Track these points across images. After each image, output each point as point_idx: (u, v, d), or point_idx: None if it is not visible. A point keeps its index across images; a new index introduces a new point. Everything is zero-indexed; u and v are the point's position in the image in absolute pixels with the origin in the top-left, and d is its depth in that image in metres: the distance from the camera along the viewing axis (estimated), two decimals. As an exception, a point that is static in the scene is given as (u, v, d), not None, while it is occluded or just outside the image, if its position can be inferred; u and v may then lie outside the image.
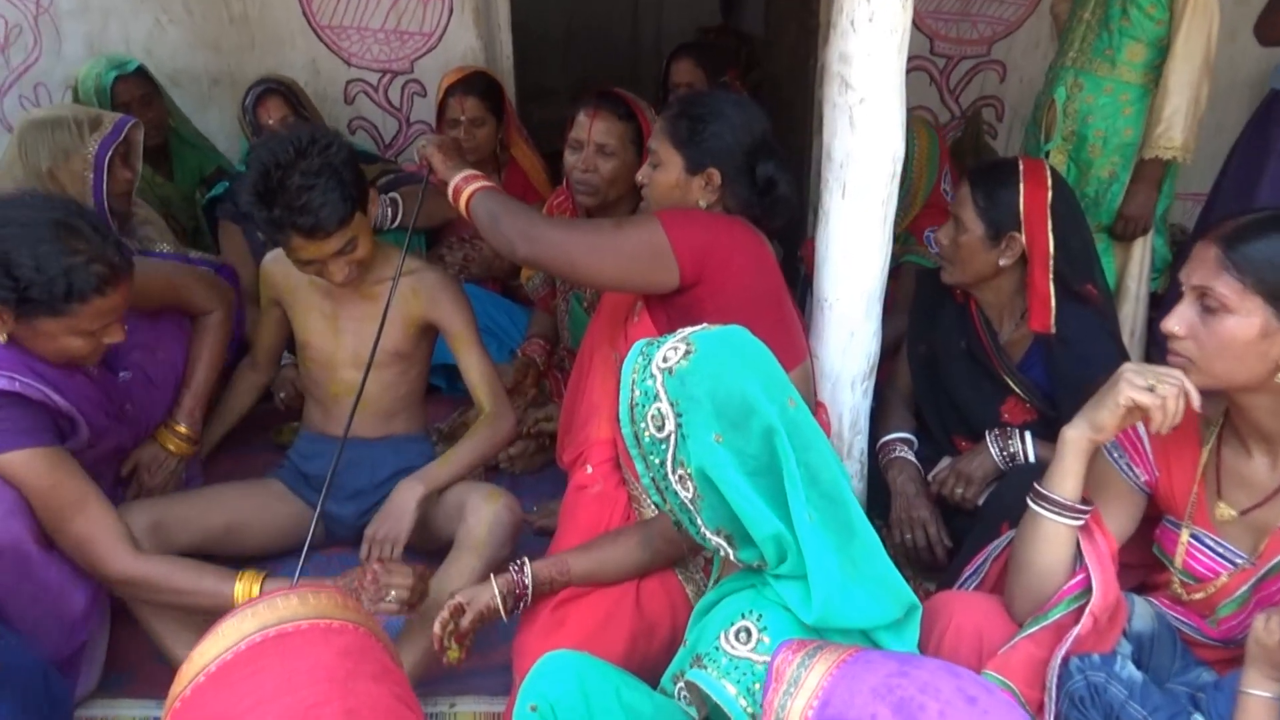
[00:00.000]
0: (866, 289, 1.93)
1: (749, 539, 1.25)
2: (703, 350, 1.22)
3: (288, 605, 1.00)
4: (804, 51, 3.75)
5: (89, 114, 2.33)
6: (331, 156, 1.79)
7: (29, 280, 1.60)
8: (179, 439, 2.13)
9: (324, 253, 1.84)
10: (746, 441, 1.19)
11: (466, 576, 1.81)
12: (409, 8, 3.34)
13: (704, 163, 1.87)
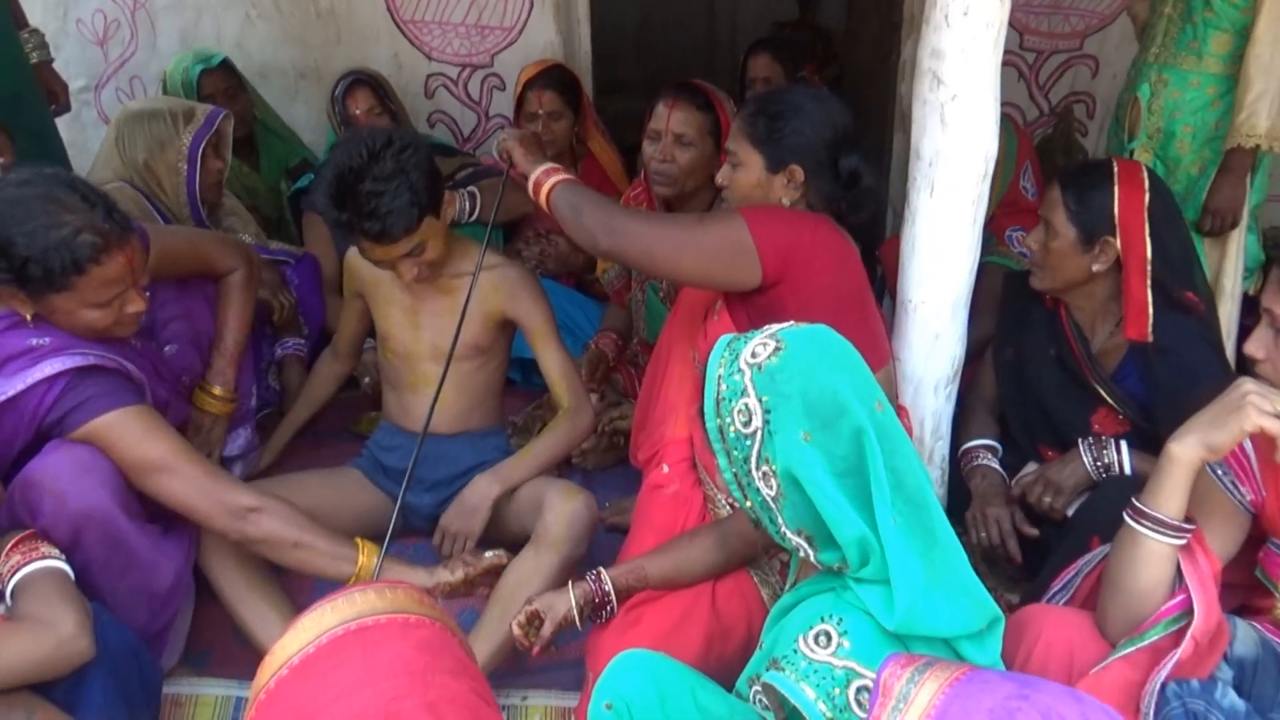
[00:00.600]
0: (953, 291, 1.89)
1: (830, 540, 1.22)
2: (793, 347, 1.21)
3: (366, 600, 1.01)
4: (886, 47, 3.67)
5: (183, 106, 2.39)
6: (405, 160, 1.79)
7: (23, 258, 1.58)
8: (214, 399, 2.15)
9: (391, 255, 1.87)
10: (835, 441, 1.17)
11: (543, 572, 1.82)
12: (490, 2, 3.37)
13: (785, 160, 1.83)
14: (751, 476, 1.23)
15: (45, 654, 1.35)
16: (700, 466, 1.93)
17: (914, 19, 3.45)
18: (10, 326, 1.67)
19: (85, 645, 1.39)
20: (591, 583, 1.69)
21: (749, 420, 1.20)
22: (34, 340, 1.67)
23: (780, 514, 1.23)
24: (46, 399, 1.65)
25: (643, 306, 2.68)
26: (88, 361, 1.68)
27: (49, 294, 1.64)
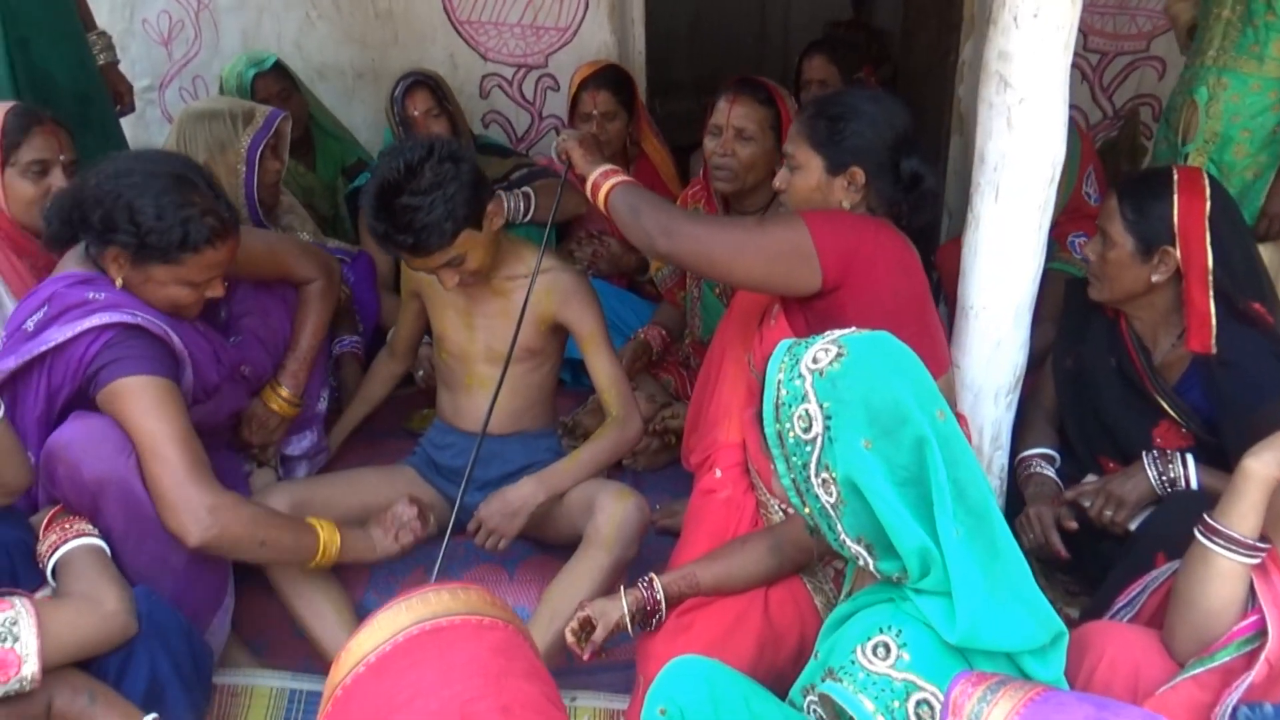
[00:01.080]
0: (1016, 297, 1.86)
1: (890, 550, 1.21)
2: (855, 354, 1.20)
3: (439, 600, 1.02)
4: (944, 47, 3.62)
5: (243, 108, 2.43)
6: (443, 173, 1.79)
7: (149, 227, 1.70)
8: (281, 400, 2.18)
9: (429, 266, 1.89)
10: (897, 450, 1.15)
11: (594, 574, 1.82)
12: (545, 3, 3.38)
13: (845, 162, 1.81)
14: (810, 483, 1.21)
15: (90, 630, 1.39)
16: (753, 471, 1.91)
17: (973, 20, 3.40)
18: (73, 284, 1.77)
19: (127, 621, 1.43)
20: (644, 589, 1.68)
21: (809, 426, 1.19)
22: (90, 294, 1.76)
23: (839, 522, 1.21)
24: (91, 350, 1.70)
25: (698, 303, 2.67)
26: (134, 320, 1.74)
27: (154, 264, 1.75)
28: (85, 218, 1.74)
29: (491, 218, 1.92)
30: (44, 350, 1.71)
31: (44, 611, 1.35)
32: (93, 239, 1.76)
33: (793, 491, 1.24)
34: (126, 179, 1.74)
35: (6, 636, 1.29)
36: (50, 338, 1.70)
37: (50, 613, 1.36)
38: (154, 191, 1.72)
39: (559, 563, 2.08)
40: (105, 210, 1.71)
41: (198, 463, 1.70)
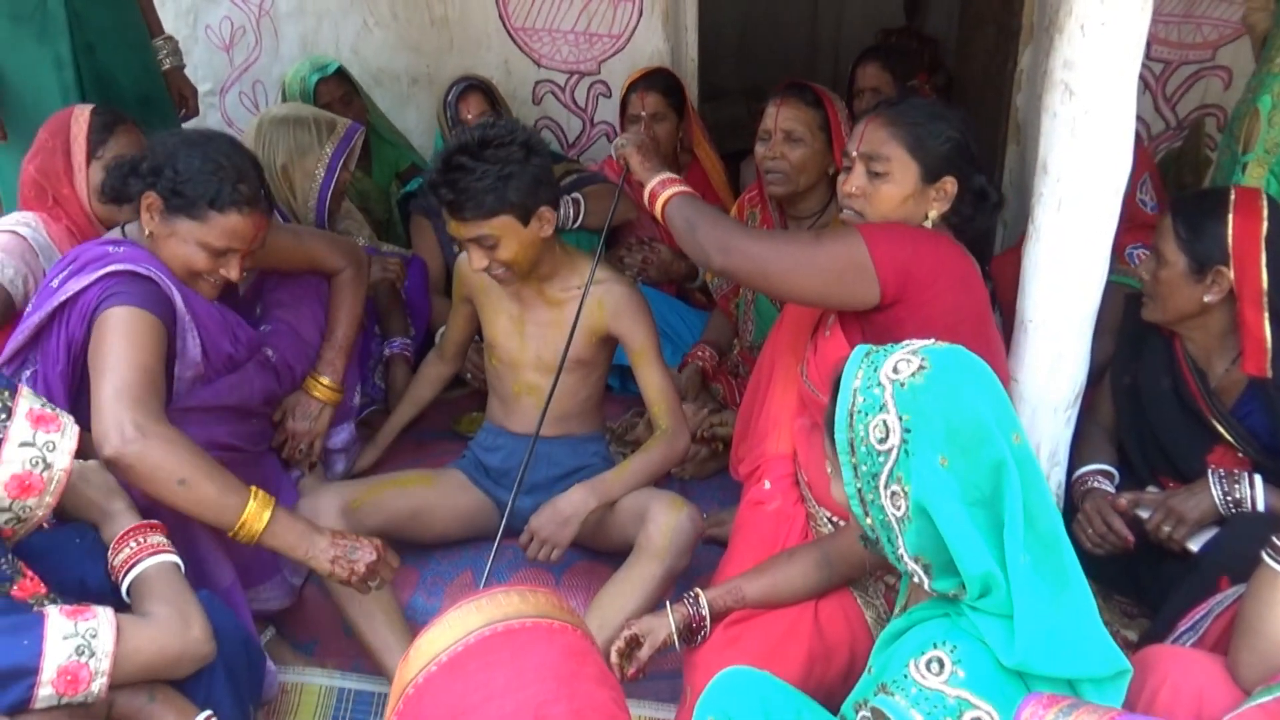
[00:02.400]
0: (1078, 311, 1.81)
1: (949, 569, 1.19)
2: (938, 367, 1.18)
3: (510, 602, 1.02)
4: (1002, 56, 3.56)
5: (325, 117, 2.48)
6: (511, 155, 1.83)
7: (185, 177, 1.79)
8: (324, 388, 2.22)
9: (461, 234, 1.90)
10: (973, 470, 1.13)
11: (645, 584, 1.82)
12: (599, 10, 3.39)
13: (941, 171, 1.76)
14: (878, 493, 1.20)
15: (173, 654, 1.39)
16: (803, 483, 1.89)
17: (1032, 27, 3.35)
18: (98, 244, 1.85)
19: (210, 649, 1.43)
20: (690, 606, 1.68)
21: (885, 437, 1.17)
22: (110, 249, 1.82)
23: (901, 536, 1.20)
24: (98, 293, 1.74)
25: (751, 308, 2.66)
26: (144, 272, 1.78)
27: (181, 215, 1.81)
28: (137, 167, 1.83)
29: (543, 221, 1.93)
30: (62, 300, 1.75)
31: (126, 628, 1.35)
32: (138, 185, 1.83)
33: (856, 501, 1.23)
34: (182, 140, 1.86)
35: (85, 649, 1.27)
36: (69, 288, 1.75)
37: (132, 630, 1.35)
38: (200, 151, 1.82)
39: (607, 569, 2.08)
40: (154, 159, 1.82)
41: (151, 391, 1.65)
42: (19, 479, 1.29)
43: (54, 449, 1.33)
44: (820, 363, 1.80)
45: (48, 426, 1.33)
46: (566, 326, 1.99)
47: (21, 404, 1.32)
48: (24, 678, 1.24)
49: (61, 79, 2.51)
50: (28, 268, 2.09)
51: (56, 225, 2.18)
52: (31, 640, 1.26)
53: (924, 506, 1.15)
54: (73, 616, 1.31)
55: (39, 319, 1.77)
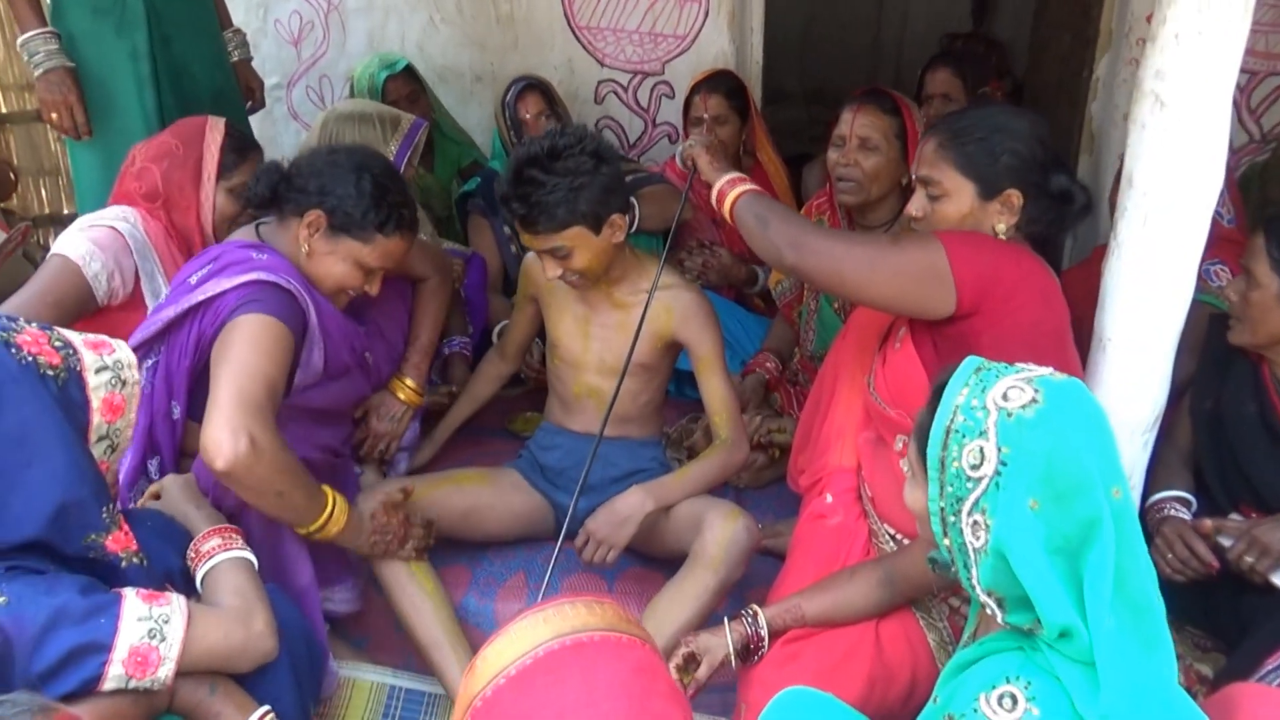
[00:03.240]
0: (1161, 330, 1.74)
1: (1024, 604, 1.13)
2: (1052, 405, 1.11)
3: (577, 614, 1.00)
4: (1077, 63, 3.47)
5: (390, 114, 2.49)
6: (582, 165, 1.82)
7: (361, 199, 1.86)
8: (409, 390, 2.26)
9: (534, 245, 1.90)
10: (1063, 519, 1.07)
11: (699, 594, 1.79)
12: (665, 10, 3.37)
13: (1001, 185, 1.71)
14: (960, 519, 1.15)
15: (236, 647, 1.39)
16: (865, 498, 1.85)
17: (1111, 34, 3.25)
18: (240, 247, 1.89)
19: (272, 645, 1.43)
20: (748, 624, 1.65)
21: (979, 464, 1.12)
22: (254, 255, 1.85)
23: (976, 567, 1.15)
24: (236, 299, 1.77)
25: (814, 316, 2.61)
26: (284, 284, 1.81)
27: (344, 235, 1.88)
28: (297, 184, 1.88)
29: (614, 228, 1.91)
30: (200, 300, 1.79)
31: (196, 616, 1.36)
32: (298, 201, 1.88)
33: (936, 519, 1.18)
34: (346, 160, 1.90)
35: (156, 633, 1.29)
36: (208, 289, 1.78)
37: (201, 619, 1.37)
38: (367, 174, 1.88)
39: (660, 576, 2.06)
40: (323, 179, 1.87)
41: (269, 401, 1.66)
42: (106, 401, 1.32)
43: (122, 365, 1.36)
44: (889, 375, 1.75)
45: (107, 350, 1.37)
46: (631, 330, 1.97)
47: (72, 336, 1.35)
48: (97, 653, 1.25)
49: (137, 70, 2.54)
50: (116, 264, 2.12)
51: (154, 223, 2.21)
52: (108, 619, 1.27)
53: (1003, 547, 1.09)
54: (148, 600, 1.32)
55: (173, 314, 1.81)
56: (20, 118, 4.51)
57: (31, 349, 1.27)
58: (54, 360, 1.29)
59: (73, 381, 1.30)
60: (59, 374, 1.29)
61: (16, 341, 1.27)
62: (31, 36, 2.44)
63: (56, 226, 4.71)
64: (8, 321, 1.30)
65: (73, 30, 2.51)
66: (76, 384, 1.31)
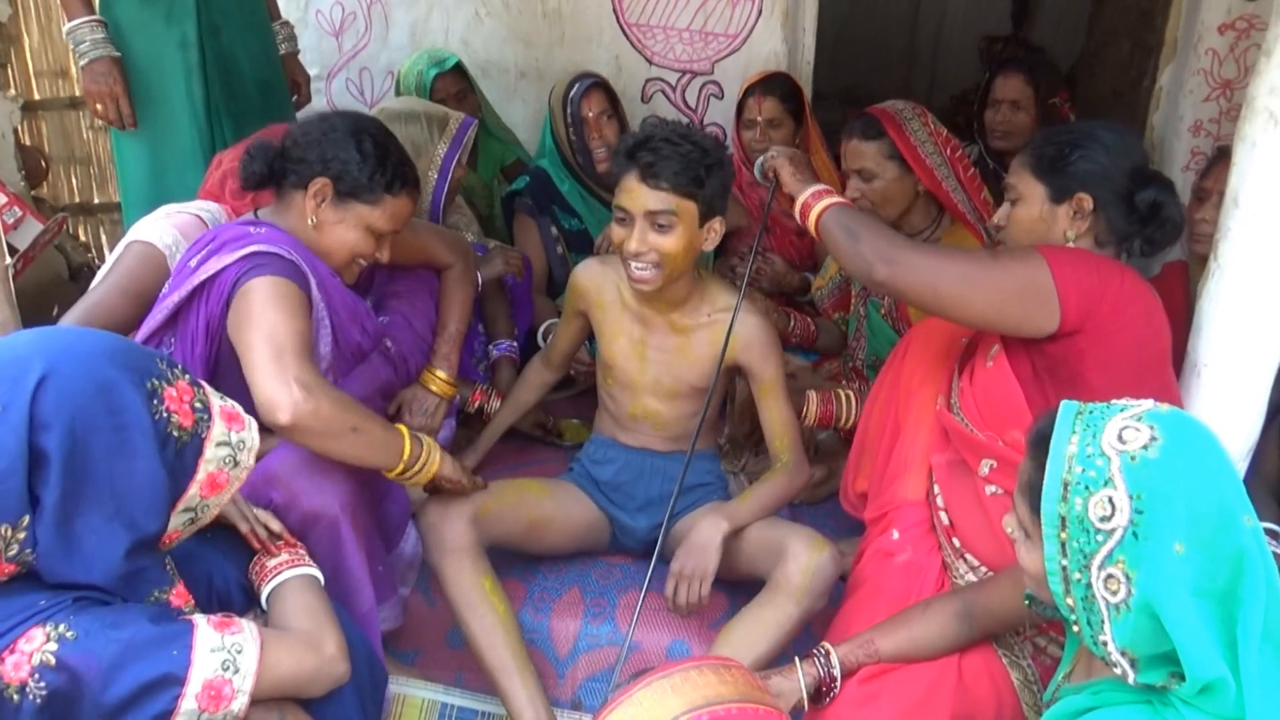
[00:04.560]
0: (1263, 354, 1.67)
1: (1159, 661, 1.06)
2: (1173, 441, 1.04)
3: (707, 682, 0.93)
4: (1137, 72, 3.38)
5: (439, 113, 2.43)
6: (709, 147, 1.82)
7: (366, 161, 1.81)
8: (440, 381, 2.20)
9: (641, 203, 1.80)
10: (1211, 560, 1.00)
11: (781, 625, 1.72)
12: (717, 8, 3.28)
13: (1071, 189, 1.67)
14: (1087, 573, 1.07)
15: (308, 674, 1.33)
16: (940, 527, 1.77)
17: (1176, 43, 3.16)
18: (236, 225, 1.83)
19: (344, 670, 1.37)
20: (820, 666, 1.58)
21: (1109, 516, 1.04)
22: (251, 229, 1.79)
23: (1109, 624, 1.06)
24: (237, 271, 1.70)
25: (864, 324, 2.54)
26: (286, 254, 1.74)
27: (352, 200, 1.83)
28: (295, 155, 1.81)
29: (711, 232, 1.88)
30: (202, 281, 1.72)
31: (269, 643, 1.29)
32: (299, 173, 1.81)
33: (1057, 579, 1.10)
34: (340, 124, 1.84)
35: (230, 664, 1.22)
36: (209, 267, 1.72)
37: (274, 646, 1.30)
38: (365, 136, 1.83)
39: (721, 597, 2.00)
40: (323, 146, 1.81)
41: (306, 351, 1.64)
42: (212, 477, 1.27)
43: (244, 447, 1.31)
44: (980, 395, 1.67)
45: (238, 425, 1.31)
46: (691, 354, 1.95)
47: (214, 401, 1.30)
48: (170, 687, 1.19)
49: (186, 60, 2.48)
50: None
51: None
52: (180, 650, 1.21)
53: (1151, 599, 1.02)
54: (220, 629, 1.26)
55: (177, 299, 1.74)
56: (53, 104, 4.47)
57: (172, 405, 1.23)
58: (186, 422, 1.24)
59: (192, 447, 1.25)
60: (182, 436, 1.24)
61: (164, 394, 1.23)
62: (79, 25, 2.39)
63: (86, 216, 4.67)
64: (166, 369, 1.25)
65: (120, 19, 2.45)
66: (194, 451, 1.26)
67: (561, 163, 2.94)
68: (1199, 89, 3.08)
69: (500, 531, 1.91)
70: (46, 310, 2.95)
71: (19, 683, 1.13)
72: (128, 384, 1.18)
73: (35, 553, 1.16)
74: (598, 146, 2.83)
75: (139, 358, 1.23)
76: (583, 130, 2.81)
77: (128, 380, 1.19)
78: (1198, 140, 3.17)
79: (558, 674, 1.95)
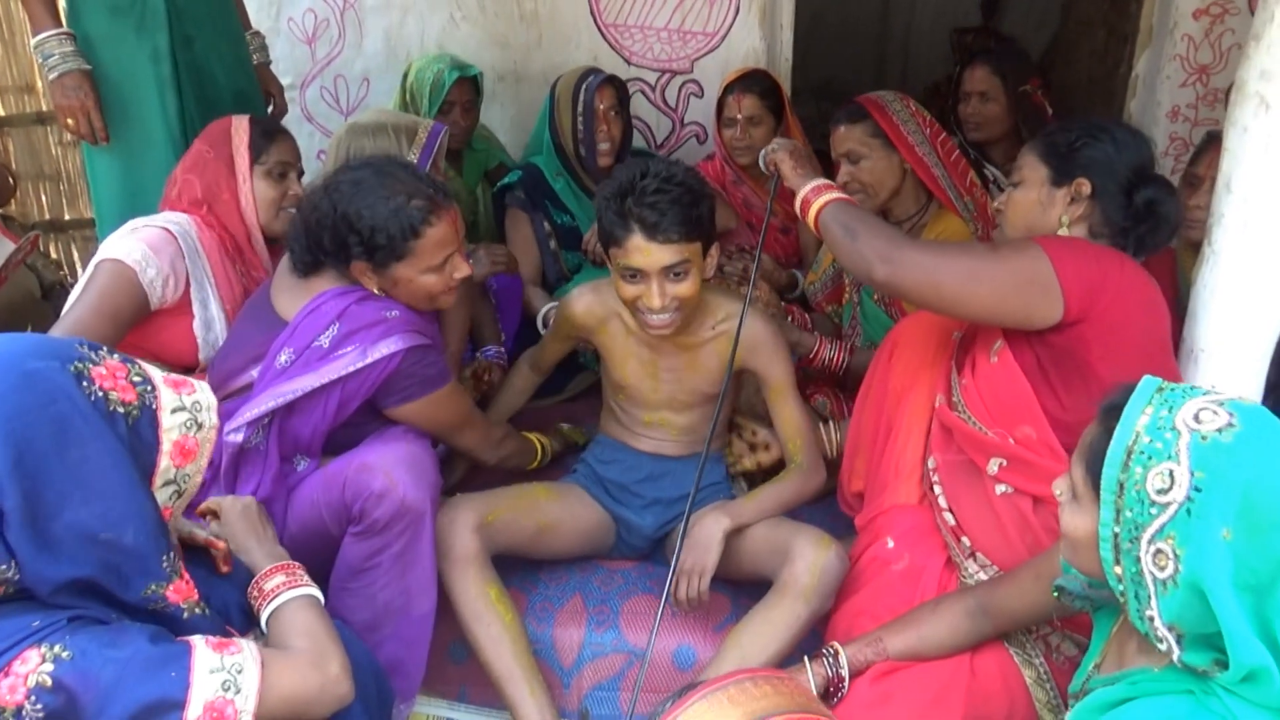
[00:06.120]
0: (1258, 339, 1.68)
1: (1204, 642, 1.05)
2: (1249, 430, 1.03)
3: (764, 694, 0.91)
4: (1112, 59, 3.41)
5: (406, 122, 2.39)
6: (695, 188, 1.78)
7: (369, 229, 1.75)
8: None
9: (656, 262, 1.75)
10: (1255, 553, 1.00)
11: (791, 625, 1.70)
12: (694, 7, 3.27)
13: (1073, 173, 1.68)
14: (1138, 544, 1.06)
15: (312, 694, 1.29)
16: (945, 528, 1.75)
17: (1151, 30, 3.19)
18: (361, 300, 1.81)
19: (348, 689, 1.34)
20: (829, 666, 1.58)
21: (1167, 489, 1.04)
22: (387, 313, 1.80)
23: (1156, 599, 1.06)
24: (387, 369, 1.77)
25: (858, 311, 2.54)
26: (421, 342, 1.81)
27: (393, 263, 1.79)
28: (320, 243, 1.80)
29: (711, 259, 1.87)
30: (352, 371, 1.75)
31: (270, 663, 1.26)
32: (336, 261, 1.82)
33: (1108, 545, 1.10)
34: (335, 194, 1.79)
35: (230, 685, 1.19)
36: (352, 361, 1.75)
37: (275, 666, 1.27)
38: (360, 197, 1.77)
39: (723, 598, 1.98)
40: (331, 231, 1.78)
41: (482, 417, 2.06)
42: (179, 445, 1.24)
43: (201, 408, 1.27)
44: (987, 391, 1.67)
45: (187, 389, 1.28)
46: (701, 367, 1.95)
47: (153, 372, 1.27)
48: (169, 712, 1.16)
49: (158, 72, 2.43)
50: (171, 267, 2.04)
51: (208, 233, 2.15)
52: (179, 672, 1.18)
53: (1197, 578, 1.01)
54: (219, 650, 1.23)
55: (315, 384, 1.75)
56: (20, 120, 4.39)
57: (105, 383, 1.18)
58: (128, 397, 1.20)
59: (145, 420, 1.21)
60: (130, 411, 1.20)
61: (92, 374, 1.18)
62: (47, 37, 2.33)
63: (57, 233, 4.59)
64: (89, 352, 1.21)
65: (89, 31, 2.40)
66: (150, 423, 1.22)
67: (556, 158, 2.90)
68: (1176, 75, 3.11)
69: (508, 538, 1.89)
70: (20, 330, 2.89)
71: (15, 706, 1.10)
72: (52, 373, 1.15)
73: (17, 565, 1.14)
74: (603, 140, 2.81)
75: (57, 346, 1.20)
76: (592, 122, 2.78)
77: (51, 370, 1.15)
78: (1175, 126, 3.20)
79: (563, 684, 1.93)
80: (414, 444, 1.81)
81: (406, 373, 1.79)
